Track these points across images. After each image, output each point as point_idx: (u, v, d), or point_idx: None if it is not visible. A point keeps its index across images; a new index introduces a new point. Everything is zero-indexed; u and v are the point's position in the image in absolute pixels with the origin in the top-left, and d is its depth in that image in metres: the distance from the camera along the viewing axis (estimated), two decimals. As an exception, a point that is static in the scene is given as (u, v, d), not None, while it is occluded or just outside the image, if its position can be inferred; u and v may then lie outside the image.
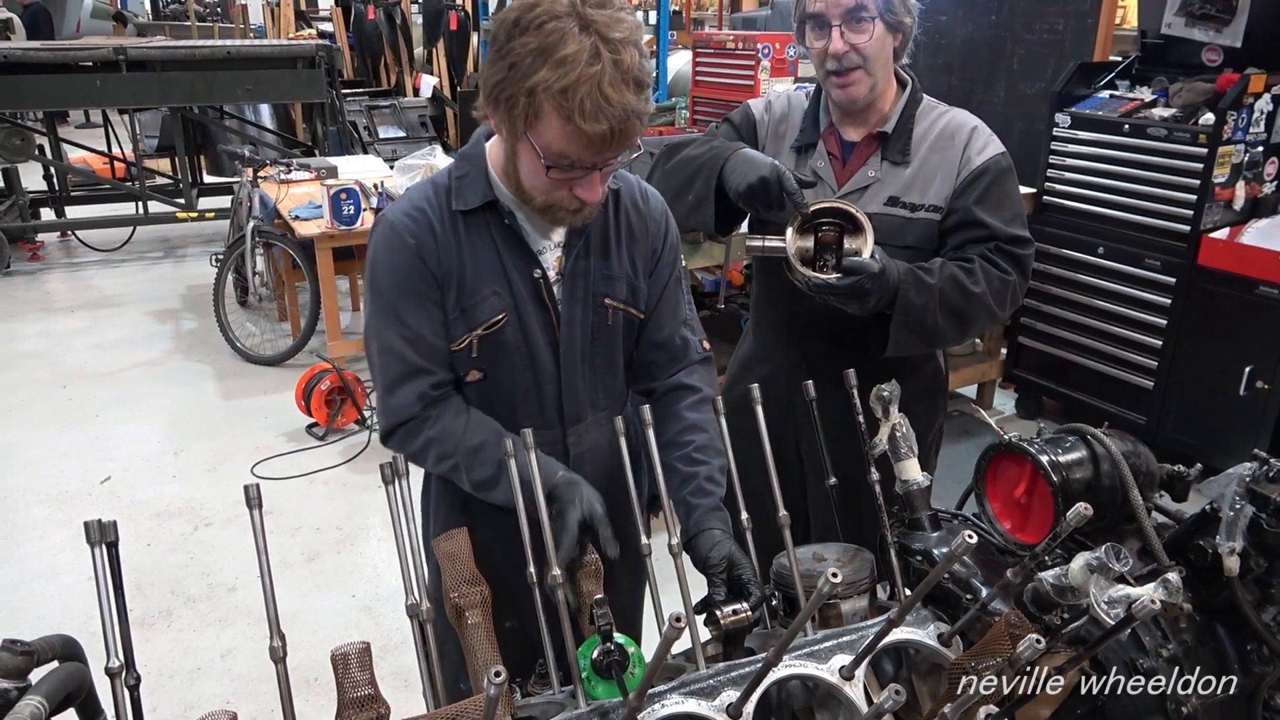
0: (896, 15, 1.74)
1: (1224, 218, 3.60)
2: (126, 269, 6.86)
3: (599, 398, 1.60)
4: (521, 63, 1.24)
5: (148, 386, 4.85)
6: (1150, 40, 3.91)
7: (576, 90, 1.21)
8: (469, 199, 1.45)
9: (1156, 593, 1.05)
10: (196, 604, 3.14)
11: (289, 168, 5.27)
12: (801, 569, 1.34)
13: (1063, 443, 1.36)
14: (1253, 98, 3.46)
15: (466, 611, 1.28)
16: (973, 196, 1.79)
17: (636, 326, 1.60)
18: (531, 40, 1.23)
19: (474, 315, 1.47)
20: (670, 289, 1.61)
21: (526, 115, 1.27)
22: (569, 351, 1.54)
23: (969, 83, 4.64)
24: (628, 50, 1.24)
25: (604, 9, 1.25)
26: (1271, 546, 1.23)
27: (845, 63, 1.75)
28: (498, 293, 1.47)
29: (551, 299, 1.50)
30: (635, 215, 1.56)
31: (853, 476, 1.47)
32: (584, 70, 1.21)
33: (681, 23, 12.78)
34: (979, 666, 1.08)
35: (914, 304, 1.71)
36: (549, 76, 1.22)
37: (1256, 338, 3.45)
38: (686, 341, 1.63)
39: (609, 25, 1.23)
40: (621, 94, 1.23)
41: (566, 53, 1.21)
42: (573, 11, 1.23)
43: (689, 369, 1.62)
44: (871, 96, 1.81)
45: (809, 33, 1.78)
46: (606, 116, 1.23)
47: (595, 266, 1.52)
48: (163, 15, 16.39)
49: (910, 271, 1.71)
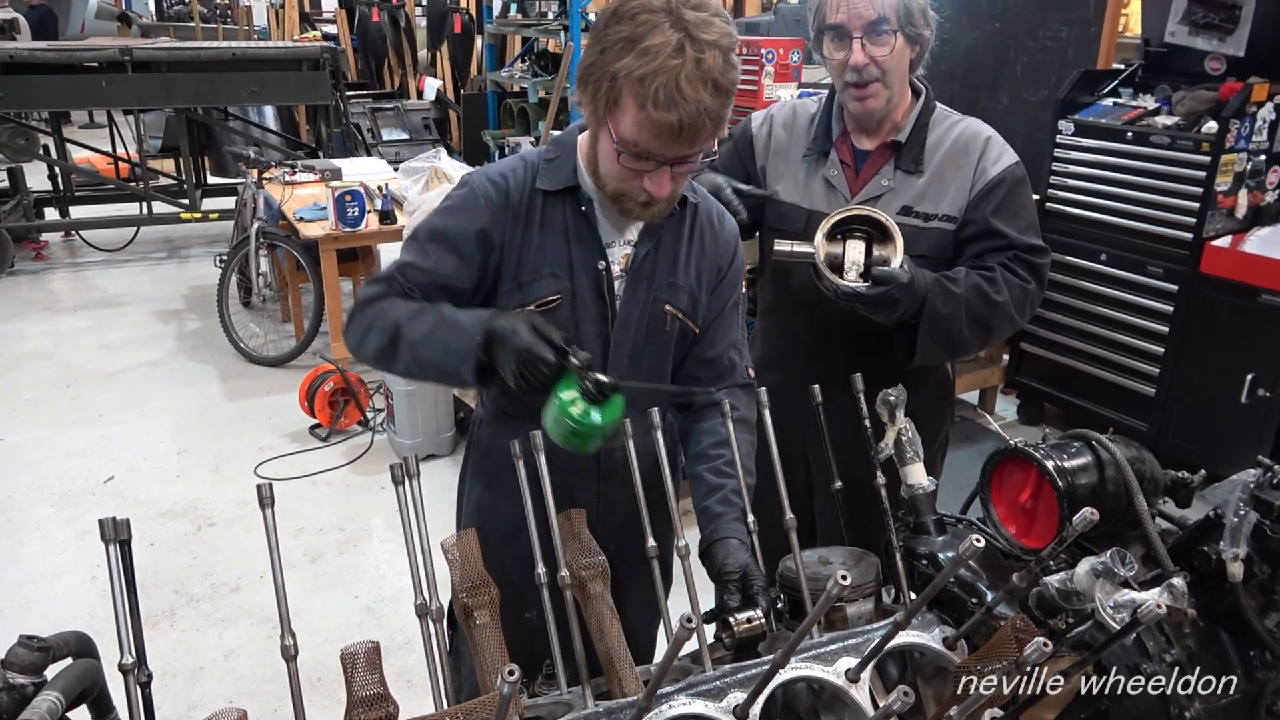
0: (917, 28, 1.75)
1: (1226, 226, 3.61)
2: (130, 269, 6.87)
3: (640, 400, 1.58)
4: (611, 48, 1.30)
5: (151, 387, 4.86)
6: (1153, 48, 3.93)
7: (654, 79, 1.26)
8: (554, 180, 1.51)
9: (1161, 598, 1.06)
10: (199, 604, 3.15)
11: (293, 169, 5.28)
12: (807, 572, 1.35)
13: (1068, 448, 1.37)
14: (1255, 106, 3.48)
15: (475, 612, 1.29)
16: (990, 207, 1.80)
17: (689, 340, 1.62)
18: (624, 29, 1.29)
19: (529, 291, 1.51)
20: (728, 310, 1.64)
21: (608, 99, 1.32)
22: (619, 348, 1.56)
23: (972, 90, 4.66)
24: (712, 52, 1.28)
25: (700, 10, 1.30)
26: (1275, 553, 1.24)
27: (865, 75, 1.75)
28: (556, 275, 1.51)
29: (611, 293, 1.53)
30: (709, 233, 1.60)
31: (859, 481, 1.48)
32: (665, 61, 1.25)
33: (685, 27, 12.80)
34: (984, 670, 1.09)
35: (941, 313, 1.72)
36: (632, 64, 1.27)
37: (1258, 345, 3.46)
38: (734, 364, 1.65)
39: (700, 25, 1.28)
40: (697, 90, 1.26)
41: (652, 43, 1.26)
42: (668, 7, 1.29)
43: (731, 390, 1.63)
44: (887, 109, 1.82)
45: (828, 43, 1.78)
46: (678, 109, 1.26)
47: (662, 271, 1.55)
48: (167, 16, 16.40)
49: (937, 281, 1.73)
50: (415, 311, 1.44)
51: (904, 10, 1.72)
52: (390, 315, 1.45)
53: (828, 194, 1.89)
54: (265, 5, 12.42)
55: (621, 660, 1.25)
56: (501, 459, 1.49)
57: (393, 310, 1.46)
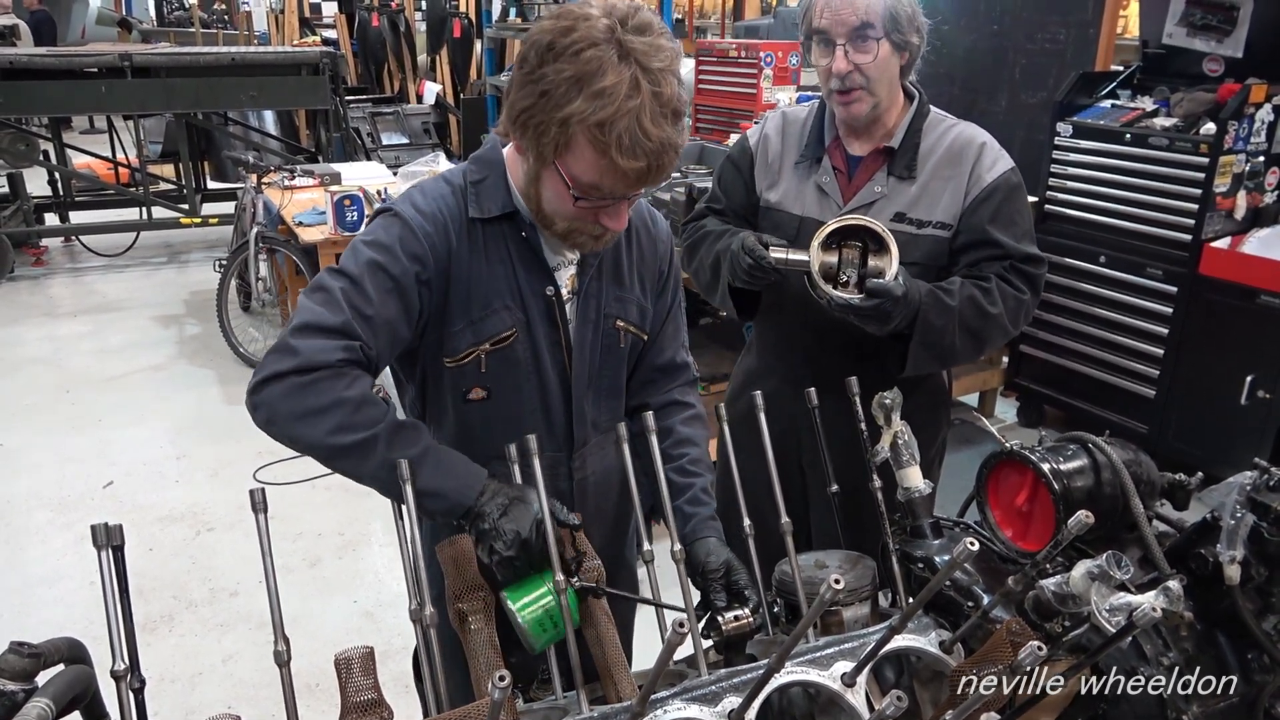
0: (904, 35, 1.73)
1: (1225, 227, 3.61)
2: (130, 274, 6.88)
3: (603, 420, 1.58)
4: (555, 91, 1.18)
5: (151, 391, 4.86)
6: (1152, 50, 3.93)
7: (615, 125, 1.16)
8: (488, 207, 1.38)
9: (1158, 601, 1.06)
10: (198, 609, 3.15)
11: (292, 174, 5.29)
12: (803, 576, 1.34)
13: (1064, 451, 1.36)
14: (1254, 108, 3.47)
15: (470, 617, 1.29)
16: (985, 215, 1.79)
17: (640, 347, 1.59)
18: (566, 68, 1.17)
19: (483, 328, 1.41)
20: (674, 312, 1.61)
21: (557, 144, 1.21)
22: (579, 373, 1.50)
23: (971, 92, 4.66)
24: (668, 80, 1.19)
25: (644, 35, 1.19)
26: (1272, 555, 1.23)
27: (848, 82, 1.74)
28: (509, 307, 1.41)
29: (563, 318, 1.46)
30: (645, 236, 1.54)
31: (855, 484, 1.48)
32: (623, 104, 1.15)
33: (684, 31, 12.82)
34: (980, 674, 1.09)
35: (934, 325, 1.72)
36: (585, 108, 1.16)
37: (1258, 347, 3.46)
38: (685, 363, 1.64)
39: (649, 53, 1.18)
40: (661, 128, 1.18)
41: (605, 84, 1.15)
42: (611, 38, 1.17)
43: (683, 387, 1.63)
44: (875, 114, 1.81)
45: (815, 48, 1.78)
46: (645, 152, 1.18)
47: (608, 288, 1.49)
48: (167, 21, 16.44)
49: (931, 293, 1.72)
50: (397, 428, 1.27)
51: (890, 17, 1.70)
52: (359, 428, 1.24)
53: (820, 201, 1.88)
54: (265, 10, 12.44)
55: (617, 665, 1.25)
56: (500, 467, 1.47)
57: (364, 407, 1.25)
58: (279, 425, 1.25)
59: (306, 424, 1.23)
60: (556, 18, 1.21)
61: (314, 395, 1.22)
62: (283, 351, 1.24)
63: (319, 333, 1.25)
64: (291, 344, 1.24)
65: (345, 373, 1.25)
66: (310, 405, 1.22)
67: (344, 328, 1.26)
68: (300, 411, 1.23)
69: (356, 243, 1.35)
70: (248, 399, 1.26)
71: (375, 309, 1.29)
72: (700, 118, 5.79)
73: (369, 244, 1.33)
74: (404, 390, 1.63)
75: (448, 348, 1.42)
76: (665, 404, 1.60)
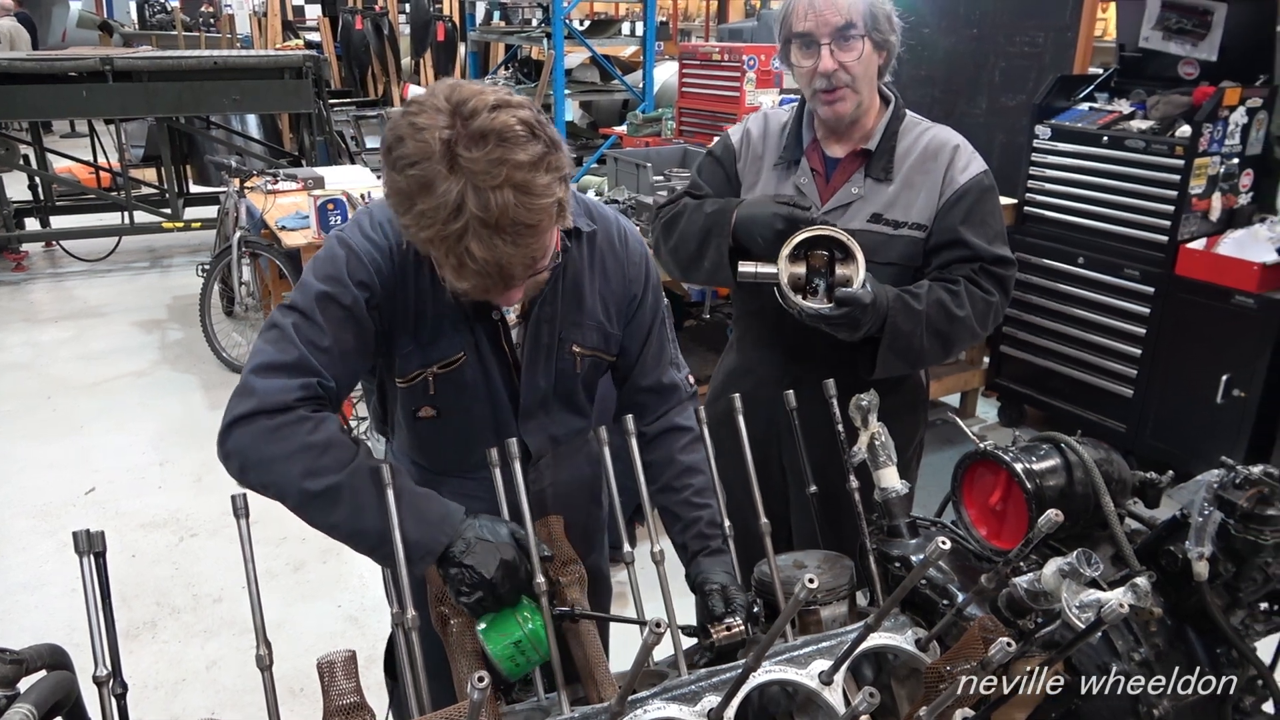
0: (883, 34, 1.77)
1: (1201, 228, 3.65)
2: (112, 279, 6.84)
3: (562, 433, 1.58)
4: (393, 197, 1.18)
5: (133, 397, 4.84)
6: (1128, 53, 3.97)
7: (440, 244, 1.14)
8: None
9: (1125, 597, 1.08)
10: (181, 615, 3.14)
11: (275, 178, 5.27)
12: (782, 576, 1.36)
13: (1037, 450, 1.38)
14: (1228, 110, 3.52)
15: (452, 620, 1.30)
16: (958, 216, 1.82)
17: (605, 366, 1.57)
18: (399, 179, 1.14)
19: (431, 351, 1.41)
20: (655, 333, 1.58)
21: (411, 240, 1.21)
22: (529, 396, 1.49)
23: (951, 95, 4.70)
24: (500, 195, 1.11)
25: (482, 145, 1.11)
26: (1239, 551, 1.26)
27: (834, 80, 1.77)
28: (457, 330, 1.41)
29: (510, 343, 1.44)
30: (612, 258, 1.50)
31: (834, 485, 1.50)
32: (442, 228, 1.12)
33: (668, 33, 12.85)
34: (954, 670, 1.11)
35: (901, 329, 1.74)
36: (411, 224, 1.15)
37: (1232, 347, 3.50)
38: (674, 382, 1.60)
39: (482, 168, 1.11)
40: (491, 248, 1.13)
41: (428, 205, 1.12)
42: (445, 151, 1.11)
43: (679, 408, 1.60)
44: (857, 113, 1.84)
45: (796, 51, 1.80)
46: (472, 273, 1.15)
47: (565, 311, 1.46)
48: (149, 25, 16.33)
49: (899, 298, 1.74)
50: (372, 472, 1.25)
51: (870, 16, 1.74)
52: (328, 472, 1.23)
53: (799, 201, 1.90)
54: (248, 13, 12.40)
55: (598, 666, 1.27)
56: (446, 483, 1.46)
57: (331, 450, 1.24)
58: (251, 474, 1.25)
59: (274, 471, 1.23)
60: (404, 114, 1.17)
61: (279, 442, 1.23)
62: (242, 394, 1.26)
63: (275, 371, 1.26)
64: (249, 384, 1.26)
65: (309, 416, 1.25)
66: (276, 452, 1.23)
67: (299, 363, 1.27)
68: (267, 458, 1.23)
69: (306, 276, 1.35)
70: (219, 450, 1.27)
71: (330, 340, 1.30)
72: (684, 120, 5.82)
73: (319, 277, 1.33)
74: (368, 396, 1.65)
75: (398, 368, 1.43)
76: (663, 430, 1.57)
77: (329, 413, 1.30)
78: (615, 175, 4.07)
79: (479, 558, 1.21)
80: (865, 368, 1.80)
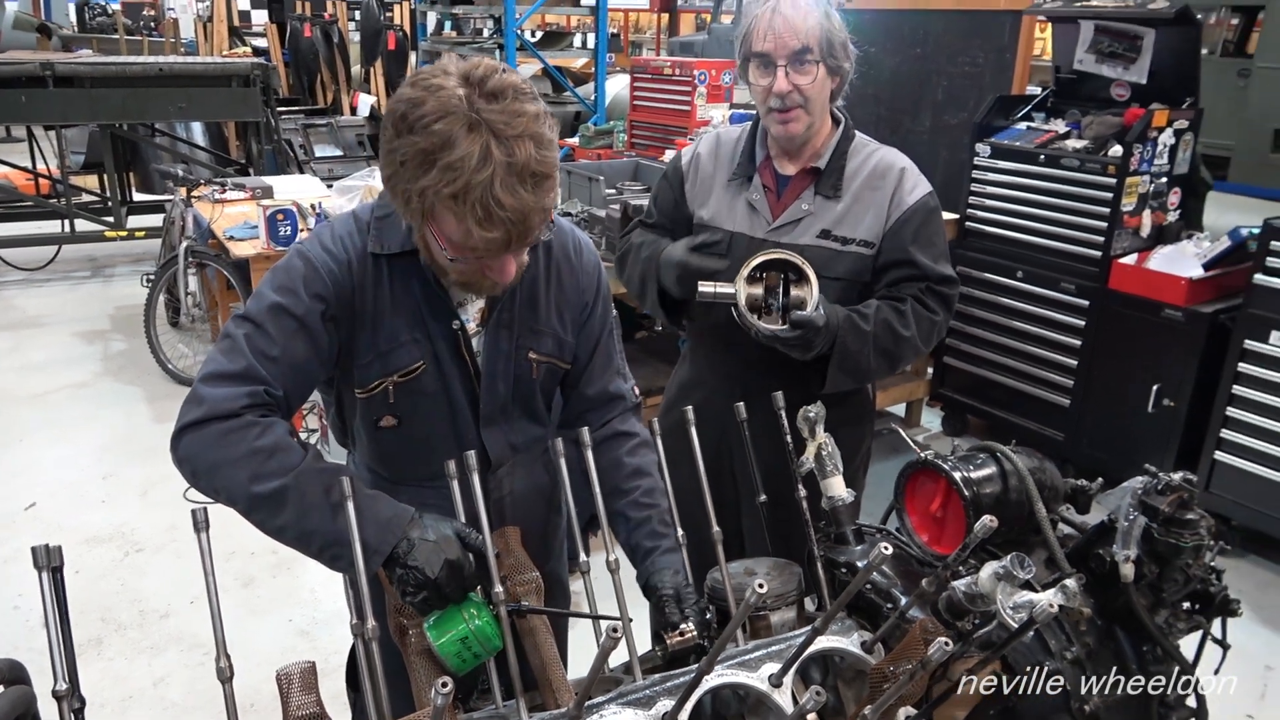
0: (837, 60, 1.85)
1: (1132, 244, 3.80)
2: (51, 288, 6.68)
3: (521, 441, 1.60)
4: (409, 164, 1.19)
5: (75, 409, 4.73)
6: (1064, 75, 4.12)
7: (467, 197, 1.16)
8: (388, 244, 1.39)
9: (1055, 598, 1.14)
10: (127, 631, 3.09)
11: (223, 187, 5.21)
12: (733, 583, 1.41)
13: (974, 459, 1.45)
14: (1157, 131, 3.67)
15: (411, 630, 1.32)
16: (906, 237, 1.91)
17: (560, 374, 1.60)
18: (419, 140, 1.17)
19: (390, 361, 1.43)
20: (603, 342, 1.61)
21: (421, 211, 1.23)
22: (489, 404, 1.51)
23: (896, 112, 4.82)
24: (522, 145, 1.17)
25: (498, 100, 1.18)
26: (1161, 554, 1.33)
27: (788, 101, 1.84)
28: (417, 340, 1.43)
29: (470, 351, 1.46)
30: (567, 267, 1.54)
31: (782, 493, 1.55)
32: (473, 176, 1.15)
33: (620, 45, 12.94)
34: (897, 670, 1.16)
35: (850, 349, 1.84)
36: (436, 181, 1.17)
37: (1162, 358, 3.65)
38: (620, 391, 1.64)
39: (503, 120, 1.17)
40: (516, 195, 1.17)
41: (454, 157, 1.15)
42: (463, 108, 1.17)
43: (623, 416, 1.63)
44: (808, 134, 1.91)
45: (754, 69, 1.87)
46: (500, 220, 1.18)
47: (522, 318, 1.49)
48: (89, 27, 15.95)
49: (849, 318, 1.84)
50: (318, 473, 1.28)
51: (826, 43, 1.82)
52: (274, 475, 1.25)
53: (750, 216, 1.96)
54: (193, 18, 12.19)
55: (555, 673, 1.30)
56: (405, 492, 1.44)
57: (279, 454, 1.27)
58: (202, 480, 1.28)
59: (223, 476, 1.27)
60: (413, 85, 1.21)
61: (227, 447, 1.26)
62: (192, 401, 1.30)
63: (223, 380, 1.29)
64: (199, 392, 1.29)
65: (257, 422, 1.28)
66: (224, 457, 1.26)
67: (247, 372, 1.30)
68: (216, 462, 1.26)
69: (262, 287, 1.37)
70: (172, 455, 1.30)
71: (280, 350, 1.32)
72: (635, 133, 5.88)
73: (274, 288, 1.36)
74: (327, 408, 1.66)
75: (358, 379, 1.45)
76: (608, 436, 1.59)
77: (278, 418, 1.32)
78: (568, 188, 4.10)
79: (423, 558, 1.24)
80: (815, 383, 1.87)
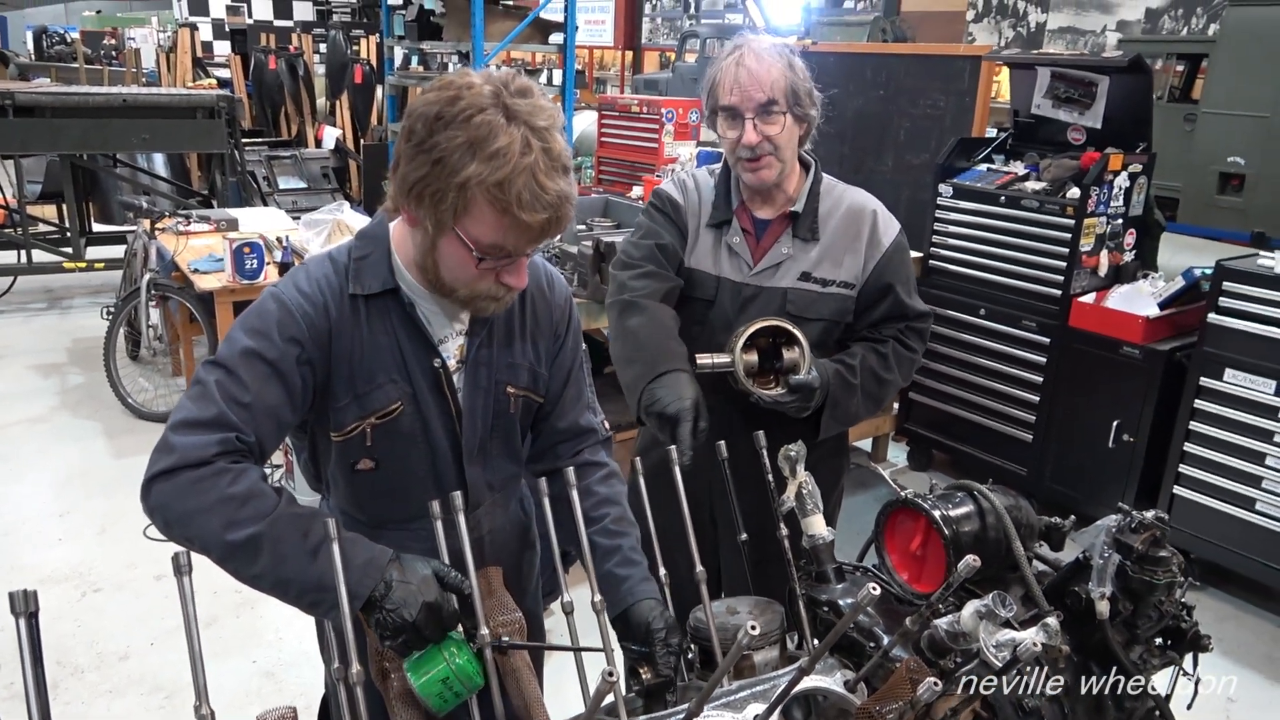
0: (804, 108, 1.90)
1: (1091, 283, 3.90)
2: (7, 320, 6.53)
3: (496, 480, 1.60)
4: (449, 158, 1.23)
5: (31, 445, 4.62)
6: (1022, 119, 4.25)
7: (513, 182, 1.22)
8: (368, 284, 1.40)
9: (1038, 636, 1.16)
10: (85, 675, 3.00)
11: (188, 219, 5.16)
12: (716, 622, 1.41)
13: (953, 498, 1.48)
14: (1112, 175, 3.79)
15: (393, 675, 1.31)
16: (887, 278, 1.98)
17: (535, 408, 1.60)
18: (459, 134, 1.22)
19: (368, 402, 1.42)
20: (574, 375, 1.63)
21: (456, 209, 1.26)
22: (469, 439, 1.51)
23: (860, 152, 4.93)
24: (554, 137, 1.26)
25: (526, 97, 1.26)
26: (1136, 591, 1.36)
27: (758, 150, 1.88)
28: (395, 380, 1.43)
29: (451, 389, 1.47)
30: (540, 301, 1.56)
31: (763, 532, 1.56)
32: (518, 162, 1.22)
33: (585, 82, 13.06)
34: (883, 710, 1.17)
35: (840, 401, 1.93)
36: (482, 170, 1.22)
37: (1121, 394, 3.74)
38: (590, 424, 1.65)
39: (534, 114, 1.25)
40: (556, 181, 1.25)
41: (498, 146, 1.21)
42: (497, 103, 1.24)
43: (593, 448, 1.64)
44: (779, 179, 1.95)
45: (722, 122, 1.91)
46: (545, 205, 1.24)
47: (499, 354, 1.51)
48: (47, 56, 15.77)
49: (837, 374, 1.92)
50: (295, 518, 1.28)
51: (791, 93, 1.87)
52: (248, 522, 1.24)
53: (732, 260, 1.99)
54: (154, 48, 12.11)
55: (538, 713, 1.29)
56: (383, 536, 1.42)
57: (252, 501, 1.26)
58: (175, 529, 1.26)
59: (196, 525, 1.24)
60: (440, 89, 1.26)
61: (199, 495, 1.24)
62: (162, 450, 1.27)
63: (193, 428, 1.27)
64: (169, 440, 1.27)
65: (229, 469, 1.26)
66: (197, 505, 1.24)
67: (218, 419, 1.28)
68: (189, 511, 1.24)
69: (234, 331, 1.36)
70: (143, 505, 1.27)
71: (253, 396, 1.31)
72: (603, 170, 5.93)
73: (246, 332, 1.35)
74: (299, 453, 1.64)
75: (334, 422, 1.43)
76: (578, 466, 1.57)
77: (250, 465, 1.30)
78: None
79: (401, 600, 1.23)
80: (809, 433, 1.91)
